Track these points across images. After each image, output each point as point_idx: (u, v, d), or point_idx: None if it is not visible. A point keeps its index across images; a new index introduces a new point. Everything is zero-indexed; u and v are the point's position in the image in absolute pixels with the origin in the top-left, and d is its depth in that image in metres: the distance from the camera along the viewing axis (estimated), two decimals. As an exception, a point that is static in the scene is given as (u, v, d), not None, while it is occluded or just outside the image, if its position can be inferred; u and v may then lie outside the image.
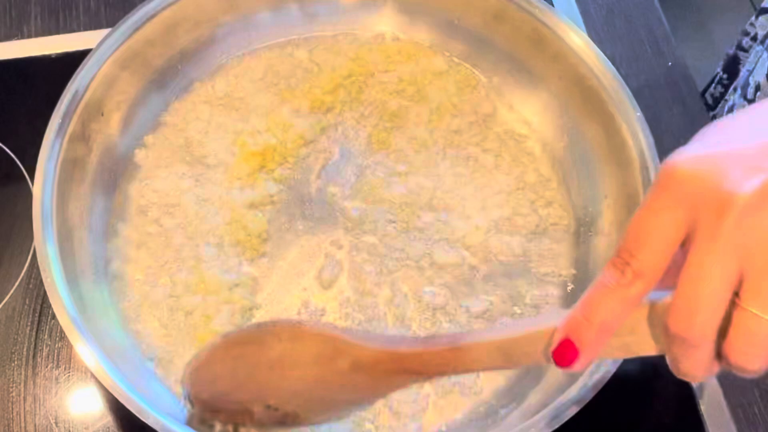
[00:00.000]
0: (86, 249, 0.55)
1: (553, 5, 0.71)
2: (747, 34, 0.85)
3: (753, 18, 0.84)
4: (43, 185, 0.53)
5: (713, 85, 0.91)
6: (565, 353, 0.37)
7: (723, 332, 0.34)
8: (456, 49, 0.66)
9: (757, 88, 0.78)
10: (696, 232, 0.34)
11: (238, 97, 0.64)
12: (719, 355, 0.35)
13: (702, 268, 0.33)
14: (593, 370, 0.49)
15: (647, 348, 0.37)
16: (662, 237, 0.34)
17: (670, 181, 0.34)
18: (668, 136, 0.67)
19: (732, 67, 0.87)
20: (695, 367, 0.36)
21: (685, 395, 0.57)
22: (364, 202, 0.60)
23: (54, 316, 0.55)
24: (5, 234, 0.61)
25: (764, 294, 0.33)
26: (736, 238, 0.33)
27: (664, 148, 0.57)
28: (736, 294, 0.33)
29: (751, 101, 0.79)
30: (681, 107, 0.69)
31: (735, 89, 0.85)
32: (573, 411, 0.48)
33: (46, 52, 0.69)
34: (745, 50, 0.85)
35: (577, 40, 0.60)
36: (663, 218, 0.34)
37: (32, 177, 0.54)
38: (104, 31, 0.59)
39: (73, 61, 0.58)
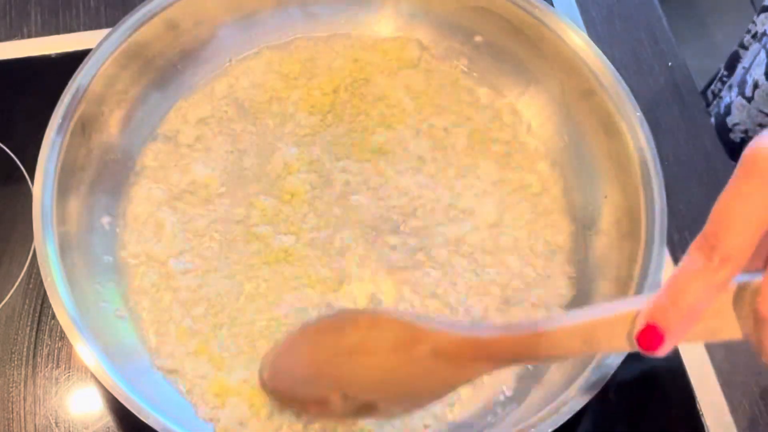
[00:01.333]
0: (86, 249, 0.55)
1: (553, 5, 0.71)
2: (749, 31, 0.85)
3: (755, 16, 0.84)
4: (43, 185, 0.53)
5: (714, 82, 0.91)
6: (650, 338, 0.36)
7: None
8: (455, 49, 0.66)
9: (755, 85, 0.78)
10: None
11: (238, 98, 0.64)
12: None
13: None
14: (593, 370, 0.49)
15: (733, 332, 0.37)
16: (749, 220, 0.34)
17: (754, 164, 0.34)
18: (668, 136, 0.67)
19: (732, 64, 0.87)
20: None
21: (685, 395, 0.57)
22: (365, 202, 0.60)
23: (54, 316, 0.55)
24: (5, 234, 0.61)
25: None
26: None
27: (664, 148, 0.57)
28: None
29: (749, 99, 0.79)
30: (681, 107, 0.69)
31: (731, 87, 0.85)
32: (573, 411, 0.48)
33: (46, 52, 0.69)
34: (746, 47, 0.85)
35: (577, 40, 0.60)
36: (749, 201, 0.34)
37: (32, 177, 0.54)
38: (104, 31, 0.59)
39: (73, 61, 0.58)
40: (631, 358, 0.49)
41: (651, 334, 0.36)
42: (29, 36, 0.70)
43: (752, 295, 0.35)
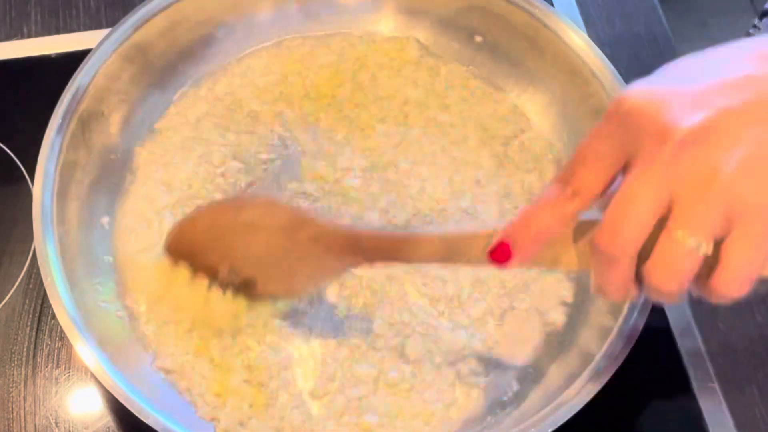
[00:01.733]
0: (86, 249, 0.55)
1: (553, 5, 0.71)
2: (751, 36, 0.85)
3: (756, 20, 0.84)
4: (43, 185, 0.53)
5: None
6: (500, 253, 0.40)
7: (646, 256, 0.37)
8: (455, 49, 0.66)
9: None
10: (634, 159, 0.36)
11: (238, 98, 0.64)
12: (639, 279, 0.38)
13: (633, 189, 0.36)
14: (593, 370, 0.49)
15: (574, 262, 0.41)
16: (602, 160, 0.38)
17: (618, 110, 0.37)
18: (668, 136, 0.67)
19: None
20: (614, 283, 0.39)
21: (685, 395, 0.57)
22: (363, 203, 0.60)
23: (54, 316, 0.55)
24: (5, 234, 0.61)
25: (691, 219, 0.35)
26: (670, 167, 0.35)
27: (664, 148, 0.57)
28: (663, 221, 0.36)
29: None
30: (681, 107, 0.69)
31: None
32: (573, 411, 0.48)
33: (46, 52, 0.69)
34: None
35: (577, 40, 0.60)
36: (605, 143, 0.38)
37: (32, 177, 0.54)
38: (104, 31, 0.59)
39: (73, 61, 0.58)
40: (632, 359, 0.50)
41: (502, 250, 0.40)
42: (29, 36, 0.70)
43: (593, 230, 0.38)
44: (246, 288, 0.52)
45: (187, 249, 0.53)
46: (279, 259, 0.50)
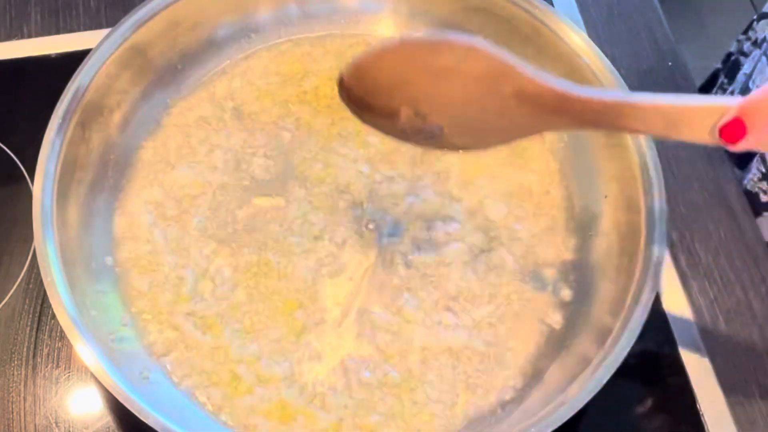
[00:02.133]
0: (86, 249, 0.55)
1: (553, 5, 0.71)
2: (748, 38, 0.84)
3: (755, 22, 0.84)
4: (43, 185, 0.53)
5: (715, 89, 0.90)
6: (734, 131, 0.37)
7: None
8: (456, 49, 0.66)
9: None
10: None
11: (237, 99, 0.64)
12: None
13: None
14: (594, 369, 0.49)
15: None
16: None
17: None
18: (668, 136, 0.67)
19: (734, 71, 0.87)
20: None
21: (685, 395, 0.57)
22: (363, 204, 0.60)
23: (54, 316, 0.55)
24: (5, 234, 0.61)
25: None
26: None
27: (664, 148, 0.57)
28: None
29: None
30: (681, 107, 0.69)
31: (732, 93, 0.85)
32: (573, 411, 0.48)
33: (46, 52, 0.69)
34: (746, 54, 0.85)
35: (577, 40, 0.60)
36: None
37: (32, 177, 0.54)
38: (104, 31, 0.59)
39: (73, 61, 0.58)
40: (632, 359, 0.50)
41: (735, 128, 0.37)
42: (29, 36, 0.71)
43: None
44: (429, 134, 0.47)
45: (368, 86, 0.47)
46: (473, 110, 0.45)
